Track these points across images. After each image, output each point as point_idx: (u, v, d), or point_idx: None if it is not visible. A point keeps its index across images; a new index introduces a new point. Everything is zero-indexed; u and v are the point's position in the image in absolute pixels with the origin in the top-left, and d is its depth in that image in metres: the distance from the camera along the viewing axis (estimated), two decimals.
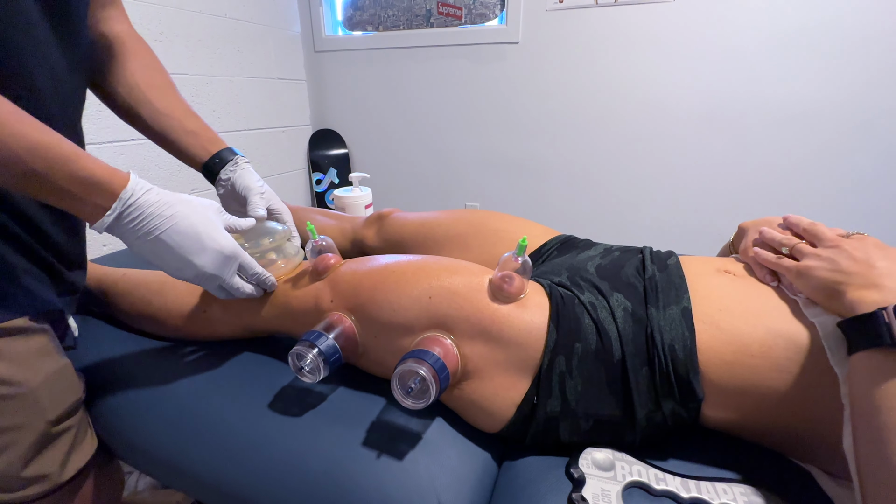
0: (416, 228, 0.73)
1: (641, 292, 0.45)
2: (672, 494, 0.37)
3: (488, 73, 1.84)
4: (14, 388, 0.40)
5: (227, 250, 0.44)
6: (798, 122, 1.49)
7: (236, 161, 0.60)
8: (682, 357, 0.40)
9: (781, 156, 1.54)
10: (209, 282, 0.45)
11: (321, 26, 2.04)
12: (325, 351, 0.43)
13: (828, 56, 1.40)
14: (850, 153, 1.47)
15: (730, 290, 0.44)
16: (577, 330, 0.42)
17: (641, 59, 1.60)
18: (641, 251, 0.55)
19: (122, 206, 0.38)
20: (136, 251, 0.42)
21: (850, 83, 1.40)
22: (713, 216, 1.69)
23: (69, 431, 0.46)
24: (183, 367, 0.54)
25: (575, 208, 1.89)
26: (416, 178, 2.14)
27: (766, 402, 0.39)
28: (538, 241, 0.65)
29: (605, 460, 0.40)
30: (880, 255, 0.36)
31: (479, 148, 1.97)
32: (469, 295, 0.44)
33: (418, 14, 1.88)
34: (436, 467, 0.41)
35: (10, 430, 0.41)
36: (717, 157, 1.62)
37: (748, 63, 1.48)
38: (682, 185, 1.70)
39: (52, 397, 0.44)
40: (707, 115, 1.58)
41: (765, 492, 0.37)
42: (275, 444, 0.43)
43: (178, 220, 0.41)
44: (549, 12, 1.67)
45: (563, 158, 1.84)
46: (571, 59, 1.70)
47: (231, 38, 1.71)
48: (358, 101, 2.11)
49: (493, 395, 0.43)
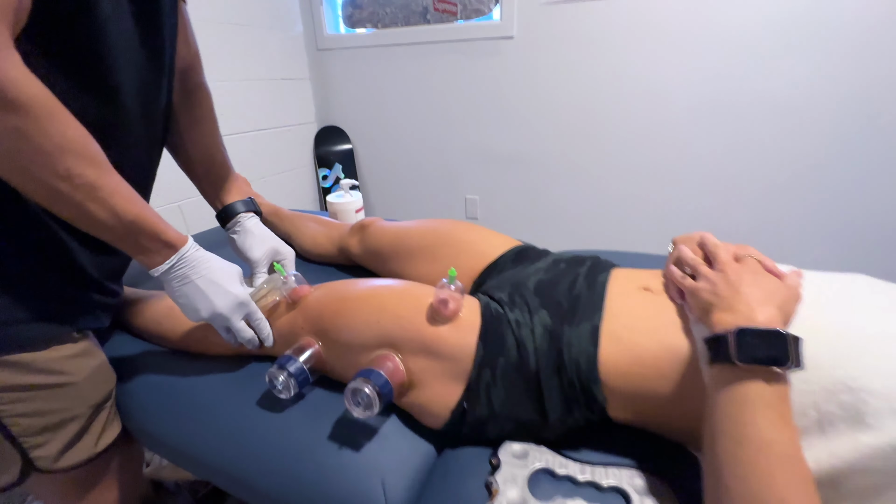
0: (392, 239, 0.81)
1: (565, 309, 0.52)
2: (571, 478, 0.45)
3: (485, 68, 1.87)
4: (67, 377, 0.53)
5: (240, 298, 0.55)
6: (788, 115, 1.48)
7: (239, 220, 0.71)
8: (585, 369, 0.47)
9: (774, 148, 1.54)
10: (219, 321, 0.55)
11: (322, 25, 2.09)
12: (293, 373, 0.52)
13: (810, 49, 1.38)
14: (840, 147, 1.46)
15: (640, 308, 0.51)
16: (501, 346, 0.50)
17: (635, 52, 1.61)
18: (585, 262, 0.62)
19: (177, 259, 0.51)
20: (168, 290, 0.53)
21: (831, 77, 1.38)
22: (706, 208, 1.71)
23: (103, 413, 0.59)
24: (185, 369, 0.64)
25: (571, 200, 1.93)
26: (418, 172, 2.20)
27: (657, 405, 0.46)
28: (496, 252, 0.71)
29: (521, 450, 0.48)
30: (749, 282, 0.42)
31: (478, 142, 2.01)
32: (412, 318, 0.52)
33: (415, 10, 1.91)
34: (384, 453, 0.50)
35: (63, 410, 0.54)
36: (712, 149, 1.63)
37: (743, 57, 1.47)
38: (677, 177, 1.72)
39: (94, 387, 0.57)
40: (702, 107, 1.59)
41: (649, 476, 0.45)
42: (258, 432, 0.54)
43: (210, 272, 0.54)
44: (542, 7, 1.68)
45: (559, 151, 1.87)
46: (566, 53, 1.71)
47: (236, 43, 1.78)
48: (361, 97, 2.17)
49: (432, 400, 0.51)
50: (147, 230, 0.48)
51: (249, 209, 0.72)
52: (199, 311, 0.54)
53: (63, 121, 0.41)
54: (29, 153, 0.39)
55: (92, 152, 0.43)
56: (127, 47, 0.50)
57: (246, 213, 0.71)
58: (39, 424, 0.52)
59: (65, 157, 0.41)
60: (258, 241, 0.69)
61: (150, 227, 0.48)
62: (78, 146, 0.42)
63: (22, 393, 0.50)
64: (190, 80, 0.67)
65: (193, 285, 0.53)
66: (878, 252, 1.53)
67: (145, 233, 0.48)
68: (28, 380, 0.50)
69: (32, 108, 0.38)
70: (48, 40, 0.42)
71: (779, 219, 1.62)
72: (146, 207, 0.49)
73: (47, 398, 0.52)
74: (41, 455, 0.53)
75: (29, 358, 0.50)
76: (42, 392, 0.52)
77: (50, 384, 0.52)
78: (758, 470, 0.33)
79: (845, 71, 1.38)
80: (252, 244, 0.69)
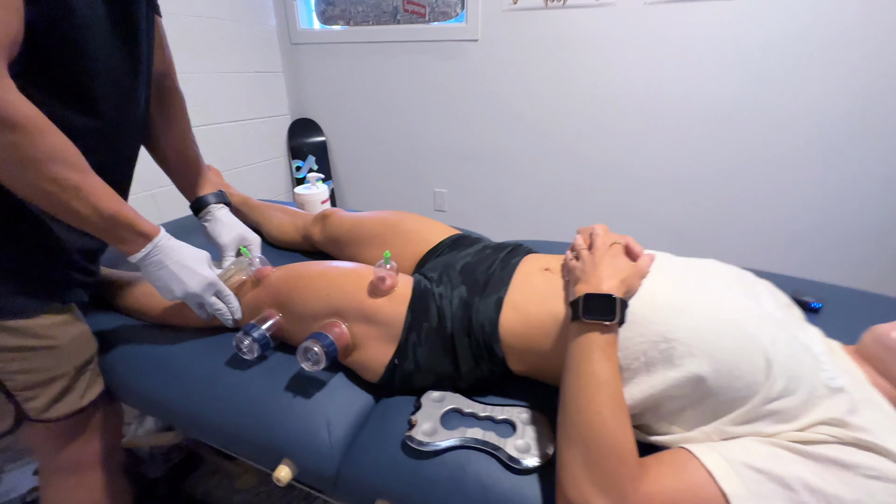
0: (349, 228, 0.92)
1: (480, 284, 0.65)
2: (474, 414, 0.58)
3: (452, 68, 1.97)
4: (53, 341, 0.62)
5: (210, 278, 0.65)
6: (719, 119, 1.65)
7: (209, 210, 0.80)
8: (489, 331, 0.60)
9: (715, 149, 1.71)
10: (192, 299, 0.65)
11: (296, 19, 2.14)
12: (256, 338, 0.63)
13: (742, 62, 1.55)
14: (766, 145, 1.63)
15: (537, 284, 0.64)
16: (425, 314, 0.62)
17: (588, 57, 1.74)
18: (507, 248, 0.74)
19: (152, 247, 0.60)
20: (145, 274, 0.62)
21: (774, 85, 1.55)
22: (654, 202, 1.87)
23: (87, 374, 0.68)
24: (162, 337, 0.74)
25: (529, 192, 2.07)
26: (389, 164, 2.30)
27: (542, 358, 0.59)
28: (436, 239, 0.83)
29: (439, 396, 0.61)
30: (606, 262, 0.55)
31: (446, 137, 2.12)
32: (355, 292, 0.64)
33: (385, 10, 2.00)
34: (330, 401, 0.62)
35: (50, 369, 0.63)
36: (656, 147, 1.78)
37: (677, 62, 1.63)
38: (625, 173, 1.87)
39: (77, 350, 0.66)
40: (646, 110, 1.74)
41: (532, 411, 0.58)
42: (225, 384, 0.65)
43: (181, 258, 0.62)
44: (504, 12, 1.79)
45: (519, 148, 2.00)
46: (525, 57, 1.83)
47: (208, 36, 1.82)
48: (334, 91, 2.24)
49: (370, 358, 0.63)
50: (124, 223, 0.56)
51: (220, 200, 0.81)
52: (173, 291, 0.63)
53: (51, 134, 0.49)
54: (23, 162, 0.48)
55: (75, 159, 0.52)
56: (105, 62, 0.57)
57: (216, 203, 0.81)
58: (31, 380, 0.62)
59: (53, 164, 0.49)
60: (227, 229, 0.79)
61: (126, 220, 0.56)
62: (64, 155, 0.50)
63: (16, 353, 0.60)
64: (164, 85, 0.76)
65: (167, 270, 0.62)
66: (790, 242, 1.72)
67: (122, 225, 0.56)
68: (21, 342, 0.60)
69: (27, 126, 0.46)
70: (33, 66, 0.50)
71: (710, 213, 1.80)
72: (123, 204, 0.57)
73: (37, 358, 0.62)
74: (33, 406, 0.63)
75: (22, 324, 0.59)
76: (32, 353, 0.61)
77: (39, 346, 0.61)
78: (586, 392, 0.46)
79: (767, 81, 1.55)
80: (221, 231, 0.78)
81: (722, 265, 0.63)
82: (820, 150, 1.56)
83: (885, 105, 1.44)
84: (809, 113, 1.53)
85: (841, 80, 1.46)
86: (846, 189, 1.57)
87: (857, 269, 1.64)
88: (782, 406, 0.45)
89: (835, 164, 1.56)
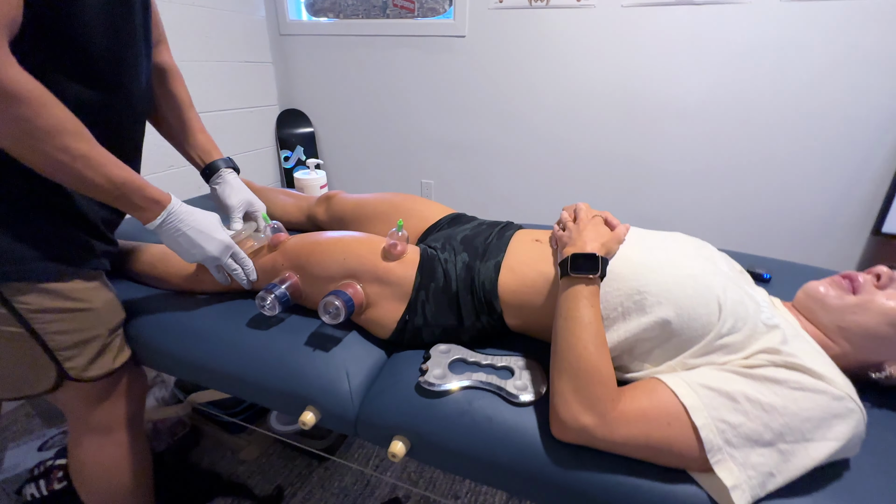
0: (353, 208, 0.99)
1: (480, 252, 0.74)
2: (477, 363, 0.67)
3: (440, 63, 2.05)
4: (89, 304, 0.67)
5: (226, 241, 0.70)
6: (686, 116, 1.78)
7: (221, 174, 0.82)
8: (489, 289, 0.69)
9: (683, 142, 1.84)
10: (211, 262, 0.71)
11: (285, 11, 2.17)
12: (278, 295, 0.70)
13: (703, 63, 1.69)
14: (728, 141, 1.78)
15: (529, 251, 0.73)
16: (433, 275, 0.71)
17: (569, 55, 1.85)
18: (500, 224, 0.83)
19: (167, 214, 0.64)
20: (164, 240, 0.67)
21: (725, 85, 1.70)
22: (627, 192, 2.00)
23: (118, 338, 0.74)
24: (184, 303, 0.80)
25: (513, 183, 2.17)
26: (377, 156, 2.36)
27: (535, 312, 0.68)
28: (436, 216, 0.92)
29: (446, 348, 0.69)
30: (589, 229, 0.65)
31: (434, 130, 2.19)
32: (369, 256, 0.72)
33: (375, 4, 2.05)
34: (348, 354, 0.70)
35: (87, 329, 0.68)
36: (629, 140, 1.91)
37: (649, 61, 1.75)
38: (602, 165, 1.99)
39: (109, 314, 0.71)
40: (621, 106, 1.86)
41: (528, 359, 0.67)
42: (249, 342, 0.71)
43: (196, 223, 0.67)
44: (490, 10, 1.88)
45: (504, 141, 2.09)
46: (510, 53, 1.92)
47: (198, 25, 1.84)
48: (322, 82, 2.28)
49: (383, 316, 0.71)
50: (136, 190, 0.60)
51: (229, 166, 0.84)
52: (194, 255, 0.69)
53: (53, 106, 0.51)
54: (32, 134, 0.50)
55: (80, 129, 0.54)
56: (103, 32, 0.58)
57: (226, 168, 0.83)
58: (70, 341, 0.67)
59: (60, 135, 0.52)
60: (235, 192, 0.81)
61: (137, 187, 0.60)
62: (70, 126, 0.53)
63: (56, 315, 0.65)
64: (161, 58, 0.78)
65: (185, 235, 0.66)
66: (750, 225, 1.88)
67: (135, 192, 0.60)
68: (60, 304, 0.64)
69: (30, 99, 0.49)
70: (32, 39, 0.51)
71: (677, 200, 1.94)
72: (132, 172, 0.60)
73: (75, 319, 0.67)
74: (72, 366, 0.68)
75: (59, 286, 0.64)
76: (71, 315, 0.66)
77: (77, 308, 0.66)
78: (574, 332, 0.56)
79: (727, 81, 1.69)
80: (230, 193, 0.80)
81: (686, 237, 0.73)
82: (778, 146, 1.71)
83: (829, 110, 1.60)
84: (767, 113, 1.68)
85: (793, 85, 1.61)
86: (800, 180, 1.73)
87: (807, 249, 1.81)
88: (731, 341, 0.55)
89: (791, 159, 1.72)
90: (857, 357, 0.61)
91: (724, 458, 0.48)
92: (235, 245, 0.73)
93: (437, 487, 1.19)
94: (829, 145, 1.65)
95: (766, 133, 1.71)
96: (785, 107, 1.65)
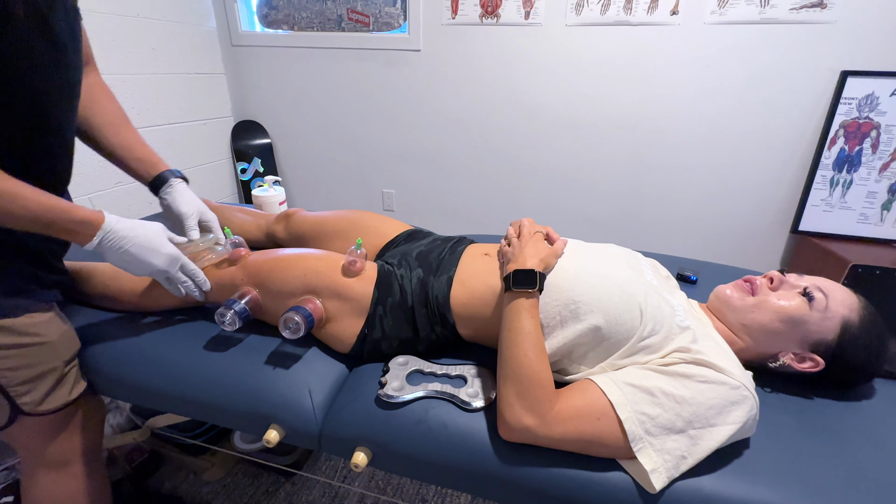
0: (312, 225, 1.02)
1: (433, 267, 0.79)
2: (433, 373, 0.72)
3: (396, 76, 2.09)
4: (43, 337, 0.67)
5: (172, 253, 0.70)
6: (632, 128, 1.92)
7: (171, 183, 0.81)
8: (441, 302, 0.74)
9: (620, 153, 1.98)
10: (159, 276, 0.71)
11: (237, 21, 2.15)
12: (238, 311, 0.72)
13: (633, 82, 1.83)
14: (660, 152, 1.93)
15: (478, 265, 0.79)
16: (389, 290, 0.75)
17: (517, 69, 1.94)
18: (453, 240, 0.89)
19: (103, 234, 0.63)
20: (109, 260, 0.66)
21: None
22: (572, 198, 2.12)
23: (74, 368, 0.73)
24: (141, 325, 0.80)
25: (469, 191, 2.24)
26: (336, 167, 2.37)
27: (484, 322, 0.74)
28: (393, 233, 0.96)
29: (403, 360, 0.74)
30: (529, 246, 0.71)
31: (393, 141, 2.23)
32: (329, 272, 0.75)
33: (330, 18, 2.07)
34: (309, 370, 0.73)
35: (42, 363, 0.67)
36: (574, 153, 2.03)
37: (589, 77, 1.88)
38: (547, 174, 2.10)
39: (64, 346, 0.71)
40: (561, 116, 1.97)
41: (479, 367, 0.73)
42: (209, 364, 0.73)
43: (138, 238, 0.66)
44: (444, 26, 1.95)
45: (459, 151, 2.16)
46: (463, 67, 2.00)
47: (144, 36, 1.80)
48: (279, 94, 2.27)
49: (343, 330, 0.75)
50: (62, 215, 0.58)
51: (178, 176, 0.82)
52: (141, 271, 0.68)
53: None
54: None
55: None
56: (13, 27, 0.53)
57: (175, 178, 0.81)
58: (24, 376, 0.66)
59: None
60: (186, 200, 0.79)
61: (63, 211, 0.58)
62: None
63: (8, 351, 0.64)
64: (89, 79, 0.74)
65: (128, 253, 0.64)
66: (680, 230, 2.05)
67: (63, 217, 0.58)
68: (12, 340, 0.64)
69: None
70: None
71: (617, 207, 2.08)
72: (56, 198, 0.58)
73: (28, 355, 0.66)
74: (27, 401, 0.67)
75: (10, 322, 0.63)
76: (24, 350, 0.65)
77: (30, 343, 0.66)
78: (516, 342, 0.62)
79: (658, 95, 1.84)
80: (182, 201, 0.79)
81: (617, 248, 0.82)
82: (704, 156, 1.88)
83: (748, 122, 1.78)
84: (693, 124, 1.84)
85: (717, 99, 1.78)
86: (725, 186, 1.91)
87: (734, 250, 1.99)
88: (650, 342, 0.63)
89: (716, 168, 1.89)
90: (757, 350, 0.71)
91: (644, 445, 0.55)
92: (183, 256, 0.71)
93: (404, 493, 1.23)
94: (750, 154, 1.83)
95: (693, 143, 1.88)
96: (708, 119, 1.82)
